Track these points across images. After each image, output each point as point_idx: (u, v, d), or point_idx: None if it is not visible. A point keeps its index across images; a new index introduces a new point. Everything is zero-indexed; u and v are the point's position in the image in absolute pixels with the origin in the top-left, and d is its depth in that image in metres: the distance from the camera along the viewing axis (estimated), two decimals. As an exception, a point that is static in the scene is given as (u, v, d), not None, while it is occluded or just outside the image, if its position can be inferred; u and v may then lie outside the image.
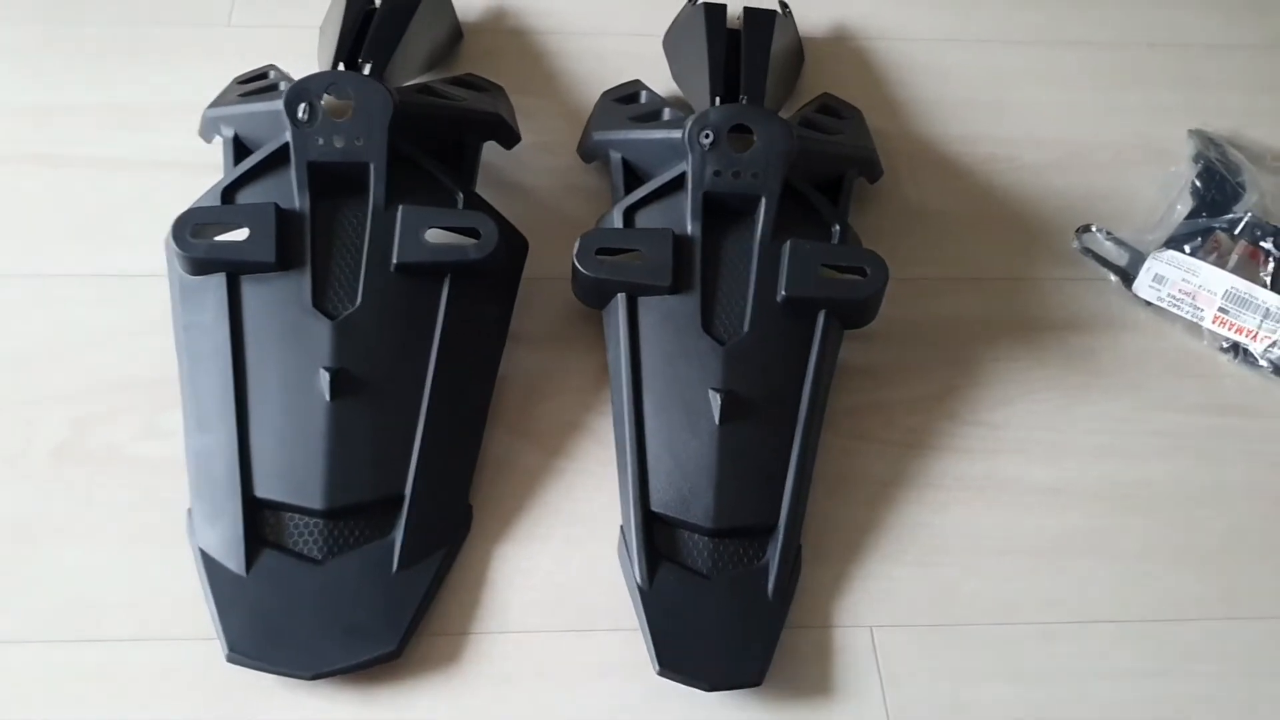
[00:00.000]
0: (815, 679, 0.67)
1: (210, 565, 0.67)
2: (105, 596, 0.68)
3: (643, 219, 0.79)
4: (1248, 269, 0.85)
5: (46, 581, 0.68)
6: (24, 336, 0.78)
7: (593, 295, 0.77)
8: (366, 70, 0.81)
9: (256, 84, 0.86)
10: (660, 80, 0.94)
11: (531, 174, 0.90)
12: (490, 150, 0.87)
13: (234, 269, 0.74)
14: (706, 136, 0.78)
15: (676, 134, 0.79)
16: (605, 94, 0.92)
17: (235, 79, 0.90)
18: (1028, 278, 0.87)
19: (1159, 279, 0.84)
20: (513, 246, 0.79)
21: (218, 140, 0.84)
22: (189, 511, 0.70)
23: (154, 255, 0.79)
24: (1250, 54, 1.03)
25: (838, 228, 0.79)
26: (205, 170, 0.83)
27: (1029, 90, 1.00)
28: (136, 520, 0.71)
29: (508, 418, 0.77)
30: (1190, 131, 0.95)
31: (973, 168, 0.94)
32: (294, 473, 0.69)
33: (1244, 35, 1.05)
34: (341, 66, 0.83)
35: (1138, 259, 0.85)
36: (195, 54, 0.96)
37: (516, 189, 0.89)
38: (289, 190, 0.76)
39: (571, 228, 0.80)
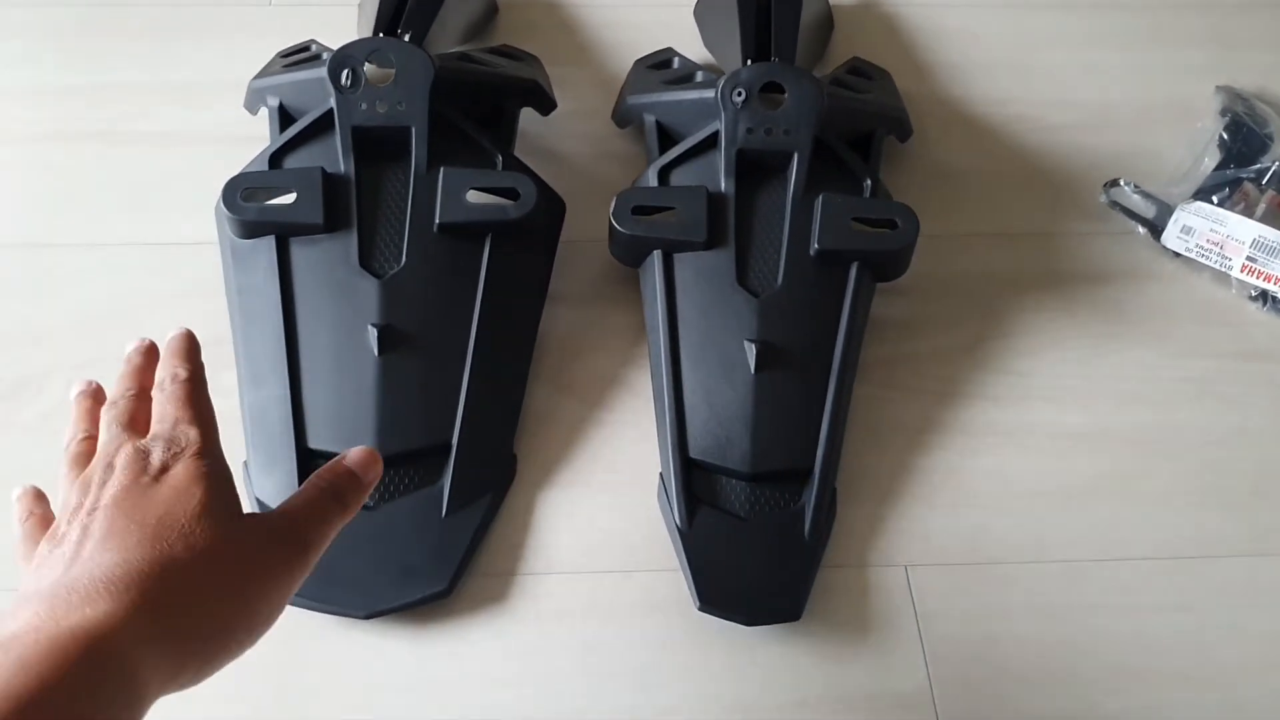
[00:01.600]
0: (853, 615, 0.69)
1: (266, 513, 0.70)
2: (167, 544, 0.71)
3: (677, 178, 0.81)
4: (1275, 218, 0.86)
5: (111, 531, 0.71)
6: (84, 302, 0.81)
7: (629, 253, 0.79)
8: (406, 39, 0.84)
9: (299, 56, 0.89)
10: (692, 49, 0.96)
11: (567, 141, 0.92)
12: (526, 118, 0.89)
13: (283, 231, 0.76)
14: (739, 94, 0.80)
15: (709, 94, 0.81)
16: (638, 61, 0.95)
17: (278, 53, 0.92)
18: (1056, 232, 0.88)
19: (1187, 230, 0.85)
20: (551, 207, 0.81)
21: (263, 113, 0.87)
22: (245, 464, 0.72)
23: (205, 224, 0.82)
24: (1277, 10, 1.04)
25: (869, 182, 0.81)
26: (251, 142, 0.85)
27: (1056, 52, 1.01)
28: (195, 473, 0.73)
29: (549, 373, 0.79)
30: (1218, 87, 0.96)
31: (1001, 128, 0.95)
32: (345, 424, 0.72)
33: (1270, -8, 1.06)
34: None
35: (1165, 211, 0.87)
36: (239, 32, 0.99)
37: (552, 155, 0.91)
38: (334, 155, 0.79)
39: (607, 192, 0.82)
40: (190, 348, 0.59)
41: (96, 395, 0.60)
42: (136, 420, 0.55)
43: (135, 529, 0.47)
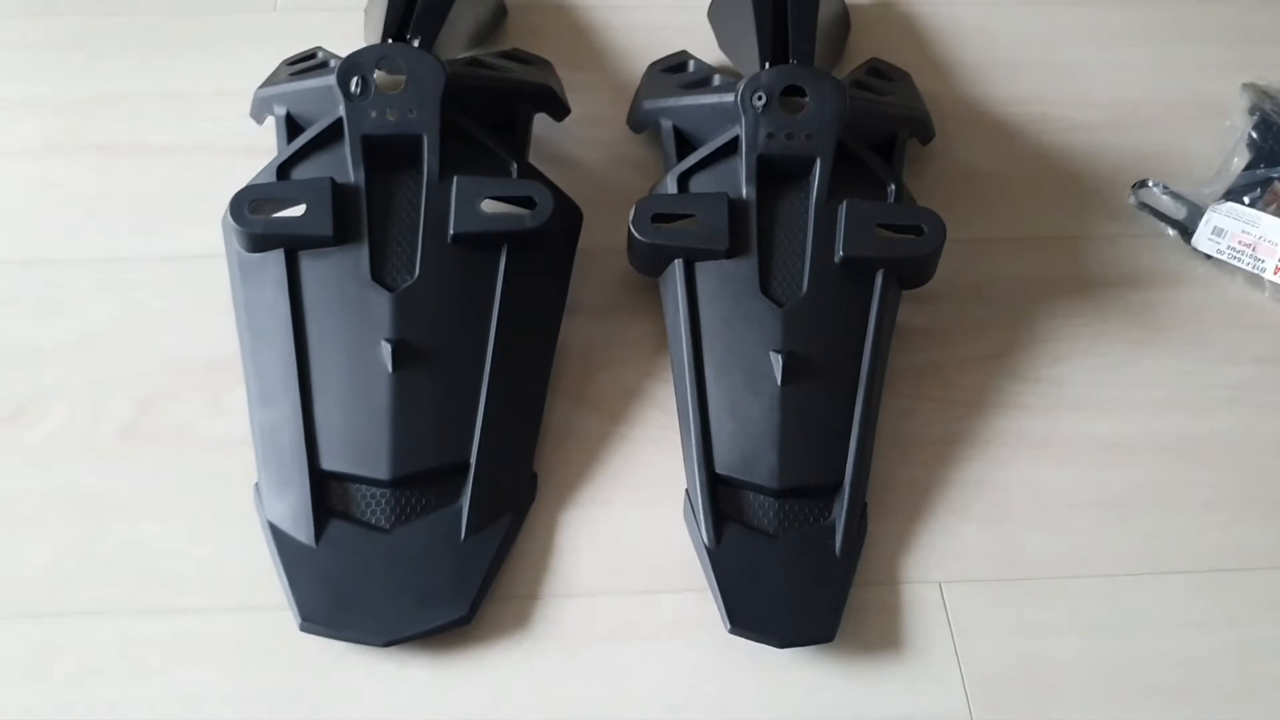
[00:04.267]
0: (886, 634, 0.67)
1: (280, 537, 0.68)
2: (179, 570, 0.69)
3: (697, 184, 0.79)
4: (1308, 219, 0.84)
5: (121, 556, 0.69)
6: (88, 320, 0.79)
7: (649, 262, 0.77)
8: (415, 45, 0.82)
9: (305, 64, 0.87)
10: (706, 51, 0.94)
11: (581, 147, 0.90)
12: (539, 125, 0.87)
13: (292, 244, 0.74)
14: (759, 99, 0.77)
15: (728, 98, 0.79)
16: (653, 65, 0.93)
17: (284, 61, 0.90)
18: (1084, 235, 0.86)
19: (1218, 231, 0.83)
20: (568, 216, 0.79)
21: (269, 123, 0.85)
22: (256, 486, 0.70)
23: (211, 237, 0.80)
24: (1302, 5, 1.02)
25: (893, 187, 0.78)
26: (257, 153, 0.83)
27: (1078, 50, 0.99)
28: (206, 495, 0.71)
29: (568, 387, 0.77)
30: (1244, 85, 0.94)
31: (1024, 128, 0.93)
32: (359, 444, 0.69)
33: (1295, -14, 1.04)
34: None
35: (1196, 212, 0.85)
36: (243, 40, 0.97)
37: (567, 162, 0.89)
38: (344, 165, 0.77)
39: (624, 199, 0.79)
40: None
41: None
42: None
43: None
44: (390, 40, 0.83)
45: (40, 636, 0.66)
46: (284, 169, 0.77)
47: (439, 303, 0.73)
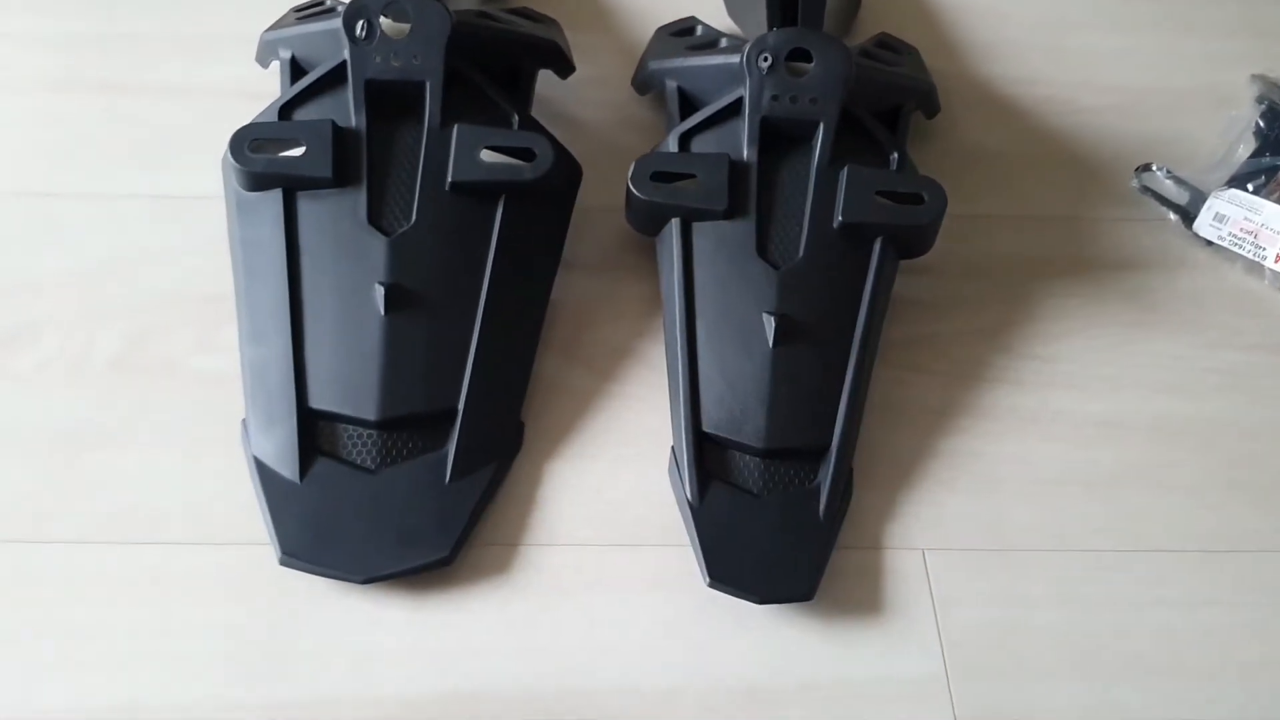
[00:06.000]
0: (867, 597, 0.67)
1: (264, 472, 0.68)
2: (162, 502, 0.68)
3: (698, 145, 0.79)
4: (1311, 209, 0.83)
5: (106, 486, 0.69)
6: (84, 253, 0.79)
7: (647, 221, 0.77)
8: (424, -6, 0.81)
9: (313, 9, 0.87)
10: (716, 18, 0.93)
11: (585, 107, 0.90)
12: (544, 83, 0.87)
13: (290, 184, 0.74)
14: (765, 60, 0.77)
15: (734, 59, 0.79)
16: (660, 29, 0.92)
17: (292, 8, 0.90)
18: (1085, 217, 0.86)
19: (1220, 218, 0.83)
20: (567, 171, 0.78)
21: (273, 69, 0.85)
22: (244, 421, 0.70)
23: (211, 179, 0.79)
24: (1314, -1, 1.02)
25: (895, 155, 0.78)
26: (261, 98, 0.83)
27: (1086, 35, 0.98)
28: (192, 430, 0.71)
29: (560, 343, 0.77)
30: (1253, 76, 0.93)
31: (1031, 109, 0.93)
32: (348, 384, 0.69)
33: (1307, -19, 1.03)
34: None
35: (1199, 198, 0.84)
36: (253, -14, 0.97)
37: (570, 122, 0.89)
38: (346, 108, 0.76)
39: (625, 160, 0.79)
40: None
41: None
42: None
43: None
44: (399, -11, 0.83)
45: (20, 562, 0.66)
46: (286, 110, 0.77)
47: (434, 249, 0.73)
